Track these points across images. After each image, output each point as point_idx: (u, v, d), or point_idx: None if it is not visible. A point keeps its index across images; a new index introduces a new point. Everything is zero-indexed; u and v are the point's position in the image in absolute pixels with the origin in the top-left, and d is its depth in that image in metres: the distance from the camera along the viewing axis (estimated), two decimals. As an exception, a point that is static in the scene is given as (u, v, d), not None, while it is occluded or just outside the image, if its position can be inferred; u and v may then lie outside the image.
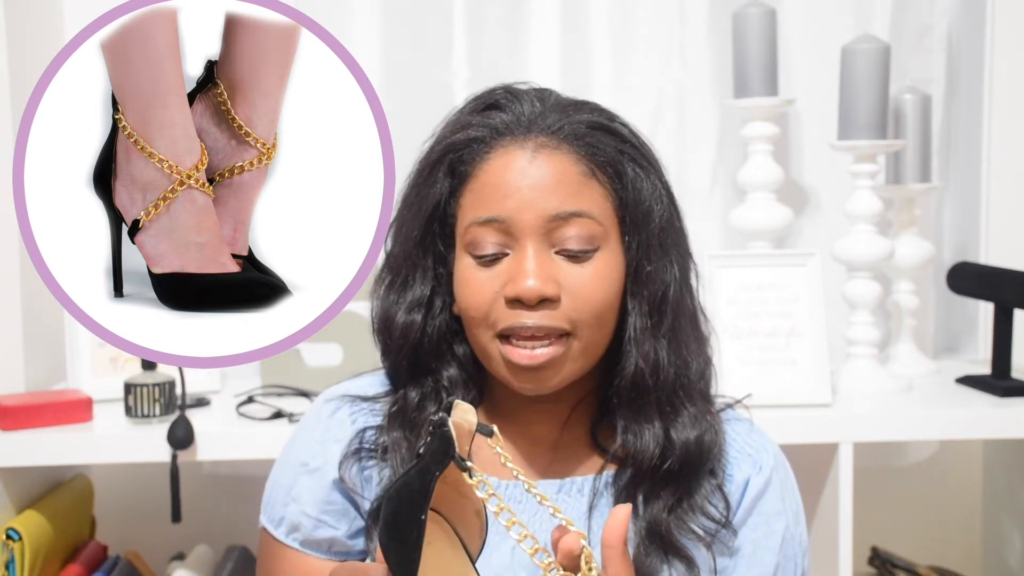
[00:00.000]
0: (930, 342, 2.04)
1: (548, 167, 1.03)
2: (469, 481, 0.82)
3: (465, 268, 1.05)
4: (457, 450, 0.81)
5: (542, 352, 1.01)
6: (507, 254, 1.03)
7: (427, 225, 1.07)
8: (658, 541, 1.05)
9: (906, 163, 1.88)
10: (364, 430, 1.11)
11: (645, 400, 1.06)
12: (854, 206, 1.74)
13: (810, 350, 1.68)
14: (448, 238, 1.08)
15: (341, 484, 1.10)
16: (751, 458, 1.11)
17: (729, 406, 1.16)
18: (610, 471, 1.09)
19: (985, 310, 1.97)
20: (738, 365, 1.67)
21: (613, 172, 1.05)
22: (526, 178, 1.02)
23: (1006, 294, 1.74)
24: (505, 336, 1.03)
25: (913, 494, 2.10)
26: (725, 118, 1.98)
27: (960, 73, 2.02)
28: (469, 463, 0.82)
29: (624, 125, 1.09)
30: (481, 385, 1.12)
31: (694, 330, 1.10)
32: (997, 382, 1.74)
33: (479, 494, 0.82)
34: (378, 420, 1.12)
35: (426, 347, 1.09)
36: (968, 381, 1.80)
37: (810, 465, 1.67)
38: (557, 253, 1.02)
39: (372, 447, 1.11)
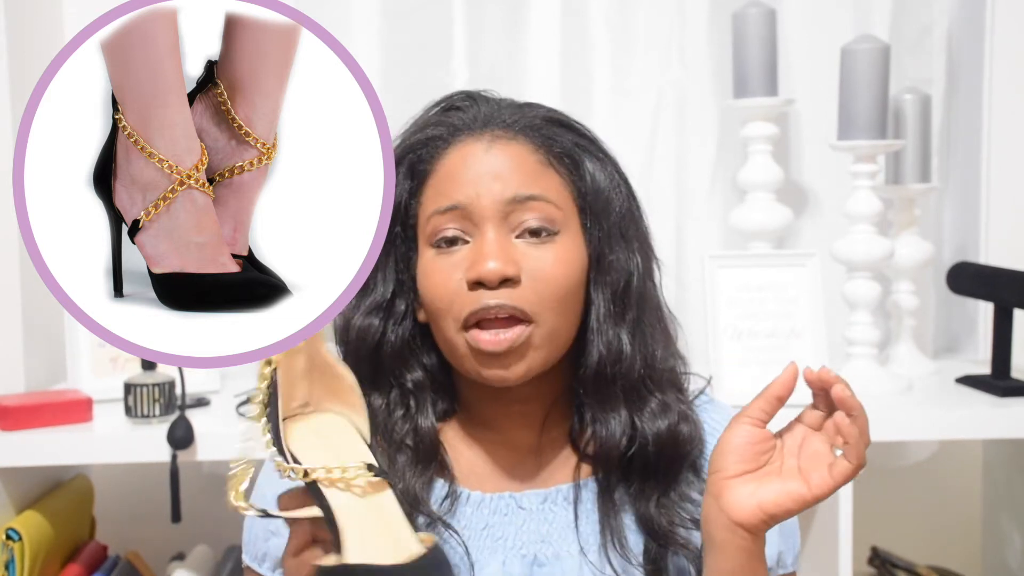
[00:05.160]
0: (930, 342, 2.04)
1: (504, 156, 1.05)
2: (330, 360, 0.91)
3: (427, 261, 1.06)
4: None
5: (506, 336, 1.02)
6: (467, 241, 1.04)
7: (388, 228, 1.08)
8: (660, 539, 1.05)
9: (906, 163, 1.88)
10: None
11: (610, 389, 1.07)
12: (854, 206, 1.74)
13: (810, 350, 1.68)
14: (411, 240, 1.09)
15: None
16: None
17: (702, 391, 1.16)
18: (592, 476, 1.10)
19: (985, 310, 1.97)
20: (738, 365, 1.67)
21: (570, 162, 1.07)
22: (483, 165, 1.04)
23: (1006, 294, 1.74)
24: (470, 326, 1.03)
25: (913, 494, 2.10)
26: (725, 118, 1.98)
27: (960, 73, 2.02)
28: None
29: (579, 124, 1.11)
30: (453, 394, 1.12)
31: (659, 322, 1.11)
32: (997, 382, 1.74)
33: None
34: None
35: (387, 351, 1.09)
36: (968, 381, 1.80)
37: (810, 465, 1.67)
38: (517, 237, 1.04)
39: None
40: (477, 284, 1.02)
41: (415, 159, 1.08)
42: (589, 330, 1.07)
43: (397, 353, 1.09)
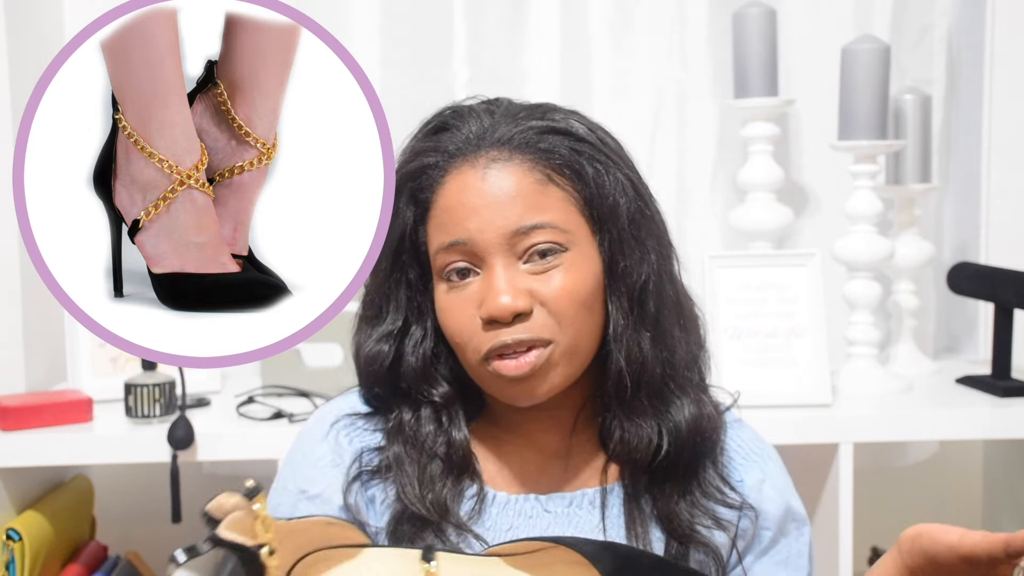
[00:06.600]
0: (930, 342, 2.04)
1: (501, 181, 1.02)
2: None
3: (441, 296, 1.05)
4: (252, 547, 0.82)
5: (527, 360, 1.01)
6: (477, 272, 1.02)
7: (395, 257, 1.07)
8: (681, 538, 1.05)
9: (906, 163, 1.88)
10: (362, 452, 1.09)
11: (635, 396, 1.06)
12: (854, 206, 1.74)
13: (810, 350, 1.68)
14: (425, 266, 1.07)
15: (346, 511, 1.07)
16: (757, 464, 1.12)
17: (728, 408, 1.15)
18: (619, 480, 1.09)
19: (985, 310, 1.97)
20: (738, 365, 1.67)
21: (572, 173, 1.04)
22: (481, 197, 1.01)
23: (1006, 294, 1.74)
24: (491, 357, 1.02)
25: (913, 494, 2.10)
26: (725, 118, 1.98)
27: (960, 73, 2.03)
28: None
29: (581, 123, 1.07)
30: (477, 399, 1.11)
31: (679, 317, 1.09)
32: (997, 382, 1.74)
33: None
34: (376, 439, 1.10)
35: (409, 373, 1.08)
36: (968, 381, 1.80)
37: (810, 465, 1.67)
38: (525, 263, 1.02)
39: (374, 468, 1.09)
40: (491, 321, 1.01)
41: (415, 187, 1.06)
42: (609, 339, 1.05)
43: (420, 373, 1.08)
